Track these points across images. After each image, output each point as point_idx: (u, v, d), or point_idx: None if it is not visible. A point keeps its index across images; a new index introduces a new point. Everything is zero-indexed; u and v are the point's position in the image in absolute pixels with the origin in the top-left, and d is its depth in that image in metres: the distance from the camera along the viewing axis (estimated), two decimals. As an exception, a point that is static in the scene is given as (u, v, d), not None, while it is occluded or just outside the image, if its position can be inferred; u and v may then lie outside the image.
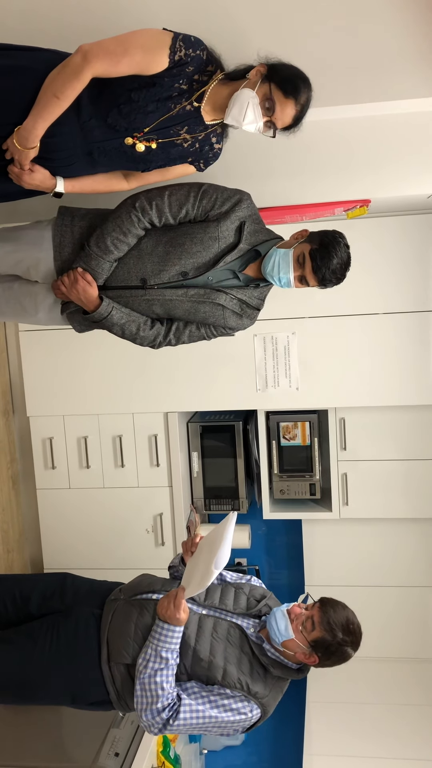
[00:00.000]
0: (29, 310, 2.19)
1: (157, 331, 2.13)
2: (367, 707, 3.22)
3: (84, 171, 2.01)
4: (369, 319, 3.07)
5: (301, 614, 1.98)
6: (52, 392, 3.33)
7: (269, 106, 1.85)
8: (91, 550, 3.44)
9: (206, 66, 1.85)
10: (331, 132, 2.50)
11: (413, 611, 3.41)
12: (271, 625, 1.99)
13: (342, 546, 3.42)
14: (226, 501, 3.46)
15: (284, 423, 3.33)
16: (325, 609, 1.97)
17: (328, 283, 2.01)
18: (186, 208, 1.99)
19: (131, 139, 1.90)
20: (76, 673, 2.04)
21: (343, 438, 3.26)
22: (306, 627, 1.95)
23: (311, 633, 1.95)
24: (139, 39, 1.77)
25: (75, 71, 1.73)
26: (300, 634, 1.95)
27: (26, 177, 1.89)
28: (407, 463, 3.25)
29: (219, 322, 2.11)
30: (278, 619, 1.98)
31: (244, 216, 2.02)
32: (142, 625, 2.01)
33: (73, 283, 2.02)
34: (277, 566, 3.76)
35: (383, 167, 2.57)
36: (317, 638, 1.94)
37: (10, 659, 2.08)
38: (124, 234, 1.99)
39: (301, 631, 1.95)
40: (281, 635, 1.96)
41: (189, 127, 1.93)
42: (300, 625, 1.96)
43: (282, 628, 1.96)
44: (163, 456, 3.33)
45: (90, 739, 2.59)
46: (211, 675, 1.94)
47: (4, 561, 3.44)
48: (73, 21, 2.16)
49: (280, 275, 2.02)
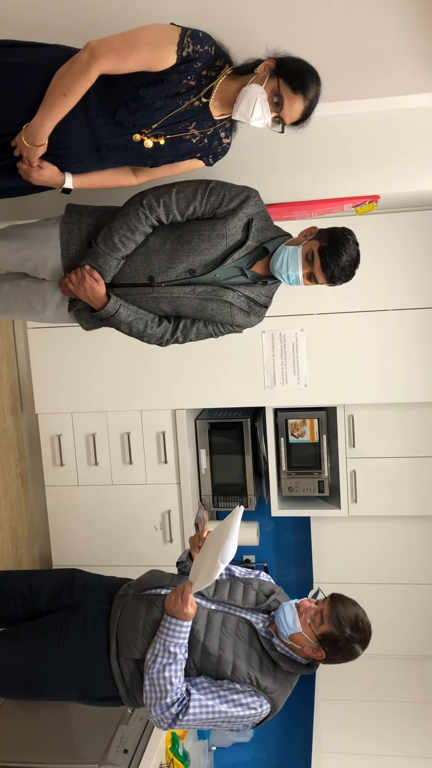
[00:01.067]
0: (37, 307, 2.19)
1: (164, 328, 2.12)
2: (377, 705, 3.21)
3: (92, 167, 2.01)
4: (378, 315, 3.06)
5: (310, 608, 1.98)
6: (61, 389, 3.34)
7: (277, 101, 1.84)
8: (99, 547, 3.45)
9: (214, 61, 1.84)
10: (340, 127, 2.49)
11: (422, 609, 3.39)
12: (279, 618, 1.99)
13: (350, 543, 3.41)
14: (234, 498, 3.46)
15: (292, 420, 3.32)
16: (335, 604, 1.96)
17: (337, 280, 2.00)
18: (194, 205, 1.99)
19: (139, 136, 1.89)
20: (85, 669, 2.04)
21: (351, 435, 3.25)
22: (315, 621, 1.95)
23: (319, 627, 1.94)
24: (147, 35, 1.76)
25: (82, 69, 1.73)
26: (308, 627, 1.94)
27: (35, 173, 1.90)
28: (416, 460, 3.24)
29: (226, 320, 2.11)
30: (286, 612, 1.98)
31: (252, 213, 2.01)
32: (150, 621, 2.01)
33: (80, 280, 2.02)
34: (285, 563, 3.75)
35: (392, 163, 2.55)
36: (325, 632, 1.93)
37: (20, 655, 2.09)
38: (131, 231, 1.99)
39: (309, 624, 1.94)
40: (289, 628, 1.96)
41: (197, 123, 1.93)
42: (308, 619, 1.95)
43: (290, 621, 1.96)
44: (171, 453, 3.34)
45: (99, 736, 2.60)
46: (220, 670, 1.95)
47: (13, 557, 3.45)
48: (79, 16, 2.16)
49: (289, 272, 2.01)
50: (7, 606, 2.23)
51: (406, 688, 3.29)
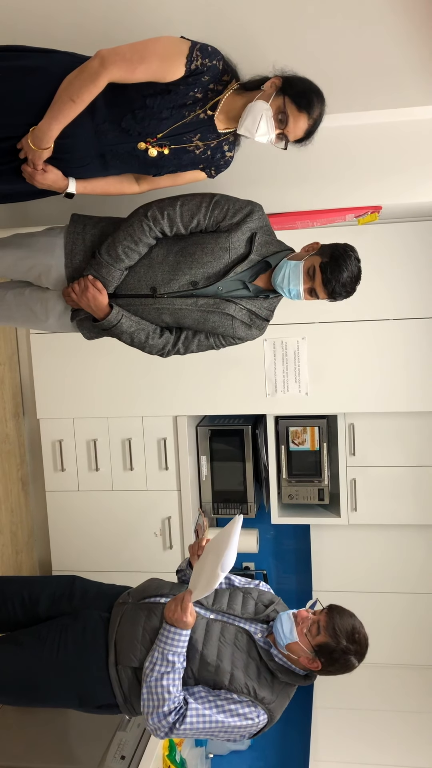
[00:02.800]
0: (40, 316, 2.20)
1: (166, 339, 2.13)
2: (374, 714, 3.21)
3: (96, 173, 2.02)
4: (379, 324, 3.07)
5: (307, 618, 1.99)
6: (62, 395, 3.35)
7: (282, 118, 1.87)
8: (99, 553, 3.46)
9: (222, 76, 1.87)
10: (343, 138, 2.51)
11: (421, 618, 3.40)
12: (276, 628, 2.00)
13: (350, 552, 3.42)
14: (235, 505, 3.47)
15: (293, 428, 3.33)
16: (332, 615, 1.97)
17: (337, 296, 2.01)
18: (197, 218, 2.00)
19: (144, 144, 1.91)
20: (84, 676, 2.05)
21: (352, 443, 3.26)
22: (311, 631, 1.95)
23: (316, 637, 1.94)
24: (157, 47, 1.78)
25: (92, 76, 1.75)
26: (305, 638, 1.95)
27: (39, 177, 1.91)
28: (416, 469, 3.25)
29: (228, 332, 2.12)
30: (284, 622, 1.99)
31: (256, 227, 2.02)
32: (149, 629, 2.02)
33: (83, 290, 2.03)
34: (284, 571, 3.76)
35: (394, 174, 2.57)
36: (321, 643, 1.94)
37: (18, 661, 2.09)
38: (135, 243, 2.00)
39: (306, 635, 1.95)
40: (285, 638, 1.97)
41: (202, 135, 1.95)
42: (305, 629, 1.96)
43: (287, 631, 1.97)
44: (171, 459, 3.35)
45: (96, 742, 2.61)
46: (218, 679, 1.95)
47: (13, 562, 3.46)
48: (91, 28, 2.18)
49: (290, 287, 2.02)
50: (6, 611, 2.24)
51: (405, 698, 3.29)
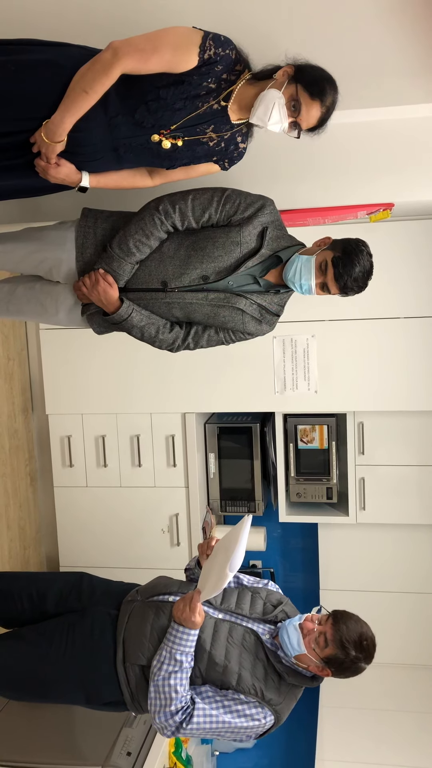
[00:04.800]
0: (50, 310, 2.19)
1: (176, 334, 2.12)
2: (381, 713, 3.20)
3: (109, 166, 2.01)
4: (390, 323, 3.04)
5: (313, 630, 1.94)
6: (71, 390, 3.35)
7: (295, 107, 1.85)
8: (106, 549, 3.45)
9: (235, 65, 1.85)
10: (355, 135, 2.48)
11: (429, 618, 3.38)
12: (283, 639, 1.97)
13: (358, 551, 3.40)
14: (242, 503, 3.46)
15: (302, 426, 3.31)
16: (338, 626, 1.92)
17: (349, 291, 1.99)
18: (209, 212, 1.99)
19: (158, 136, 1.90)
20: (91, 673, 2.05)
21: (361, 442, 3.24)
22: (319, 643, 1.92)
23: (324, 650, 1.91)
24: (169, 37, 1.77)
25: (105, 67, 1.74)
26: (313, 650, 1.92)
27: (52, 171, 1.90)
28: (426, 469, 3.23)
29: (238, 327, 2.10)
30: (290, 634, 1.96)
31: (267, 222, 2.01)
32: (157, 627, 2.01)
33: (94, 284, 2.02)
34: (292, 569, 3.74)
35: (407, 171, 2.54)
36: (330, 656, 1.91)
37: (26, 657, 2.09)
38: (146, 236, 1.99)
39: (314, 648, 1.92)
40: (293, 650, 1.94)
41: (215, 126, 1.93)
42: (312, 642, 1.92)
43: (294, 644, 1.94)
44: (180, 456, 3.34)
45: (103, 738, 2.61)
46: (225, 680, 1.94)
47: (21, 557, 3.46)
48: (101, 21, 2.17)
49: (302, 282, 2.00)
50: (14, 607, 2.23)
51: (412, 697, 3.27)
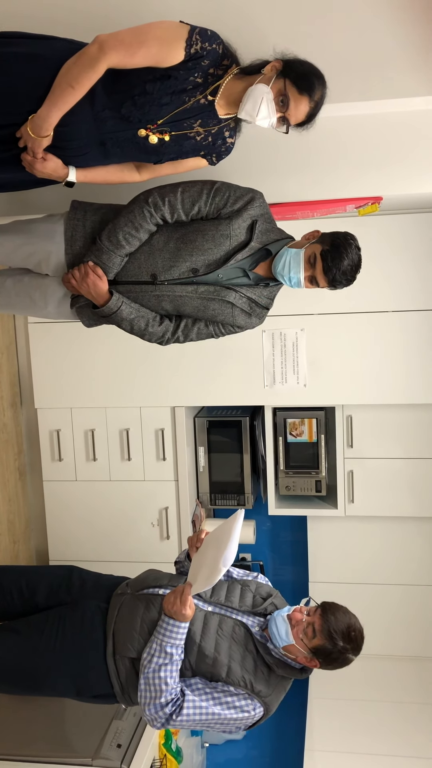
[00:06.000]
0: (39, 303, 2.19)
1: (165, 327, 2.12)
2: (370, 704, 3.22)
3: (96, 161, 2.01)
4: (378, 316, 3.06)
5: (301, 621, 1.96)
6: (60, 384, 3.34)
7: (283, 101, 1.85)
8: (96, 543, 3.45)
9: (222, 60, 1.85)
10: (344, 129, 2.49)
11: (417, 609, 3.41)
12: (272, 630, 1.99)
13: (347, 543, 3.42)
14: (232, 496, 3.47)
15: (291, 419, 3.32)
16: (326, 617, 1.94)
17: (338, 284, 2.01)
18: (198, 205, 1.99)
19: (145, 131, 1.90)
20: (81, 666, 2.05)
21: (349, 435, 3.26)
22: (307, 634, 1.93)
23: (312, 640, 1.93)
24: (156, 31, 1.76)
25: (91, 61, 1.73)
26: (301, 641, 1.93)
27: (39, 165, 1.89)
28: (414, 461, 3.25)
29: (228, 320, 2.11)
30: (279, 625, 1.97)
31: (256, 214, 2.01)
32: (148, 620, 2.01)
33: (83, 276, 2.02)
34: (281, 562, 3.76)
35: (395, 165, 2.55)
36: (318, 646, 1.92)
37: (16, 649, 2.09)
38: (136, 229, 1.99)
39: (302, 638, 1.93)
40: (282, 640, 1.96)
41: (202, 121, 1.93)
42: (301, 632, 1.94)
43: (282, 634, 1.96)
44: (169, 450, 3.34)
45: (93, 731, 2.61)
46: (215, 672, 1.95)
47: (10, 552, 3.46)
48: (89, 12, 2.15)
49: (291, 275, 2.01)
50: (4, 601, 2.23)
51: (400, 689, 3.30)
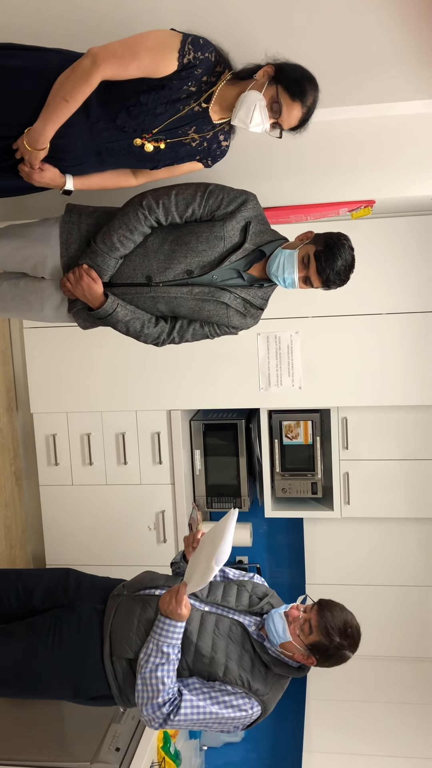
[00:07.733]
0: (35, 306, 2.20)
1: (161, 328, 2.14)
2: (367, 705, 3.23)
3: (93, 169, 2.03)
4: (373, 319, 3.08)
5: (298, 617, 1.97)
6: (56, 389, 3.35)
7: (276, 108, 1.86)
8: (93, 547, 3.45)
9: (215, 67, 1.86)
10: (336, 133, 2.51)
11: (413, 610, 3.41)
12: (269, 627, 2.00)
13: (343, 545, 3.43)
14: (228, 499, 3.47)
15: (287, 422, 3.34)
16: (323, 613, 1.95)
17: (332, 284, 2.02)
18: (192, 207, 2.01)
19: (140, 140, 1.91)
20: (78, 668, 2.05)
21: (345, 437, 3.27)
22: (303, 630, 1.94)
23: (309, 637, 1.94)
24: (149, 42, 1.77)
25: (84, 75, 1.74)
26: (297, 637, 1.94)
27: (36, 176, 1.91)
28: (409, 463, 3.26)
29: (223, 321, 2.13)
30: (276, 621, 1.98)
31: (250, 216, 2.03)
32: (144, 621, 2.02)
33: (78, 279, 2.03)
34: (278, 565, 3.77)
35: (388, 168, 2.58)
36: (314, 642, 1.93)
37: (13, 652, 2.09)
38: (130, 231, 2.00)
39: (299, 635, 1.94)
40: (279, 637, 1.97)
41: (197, 127, 1.95)
42: (297, 629, 1.95)
43: (279, 631, 1.97)
44: (165, 453, 3.35)
45: (91, 734, 2.61)
46: (212, 671, 1.95)
47: (7, 557, 3.46)
48: (80, 21, 2.17)
49: (285, 276, 2.03)
50: (0, 604, 2.23)
51: (397, 690, 3.31)
